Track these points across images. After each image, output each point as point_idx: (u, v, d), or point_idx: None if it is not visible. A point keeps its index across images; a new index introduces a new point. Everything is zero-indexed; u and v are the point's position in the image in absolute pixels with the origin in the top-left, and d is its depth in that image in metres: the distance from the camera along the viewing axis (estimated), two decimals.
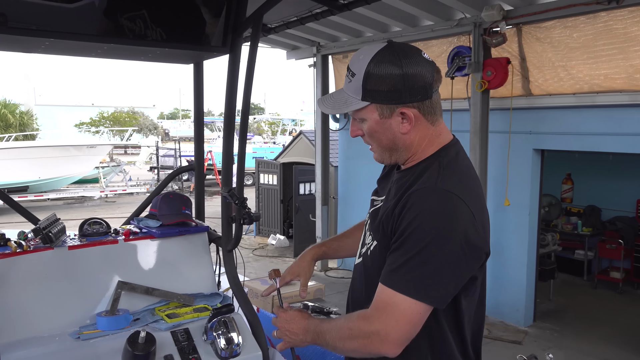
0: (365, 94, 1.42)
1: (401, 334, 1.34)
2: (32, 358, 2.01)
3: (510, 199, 5.45)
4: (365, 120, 1.47)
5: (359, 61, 1.43)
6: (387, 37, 6.31)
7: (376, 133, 1.47)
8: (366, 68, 1.40)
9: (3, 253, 2.19)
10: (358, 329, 1.39)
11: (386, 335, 1.34)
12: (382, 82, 1.39)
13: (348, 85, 1.45)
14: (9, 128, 24.09)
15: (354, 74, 1.43)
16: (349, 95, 1.45)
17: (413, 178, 1.45)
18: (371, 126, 1.46)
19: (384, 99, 1.41)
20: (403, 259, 1.34)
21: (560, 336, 5.41)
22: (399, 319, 1.34)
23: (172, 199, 2.71)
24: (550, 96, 5.23)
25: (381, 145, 1.49)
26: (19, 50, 2.59)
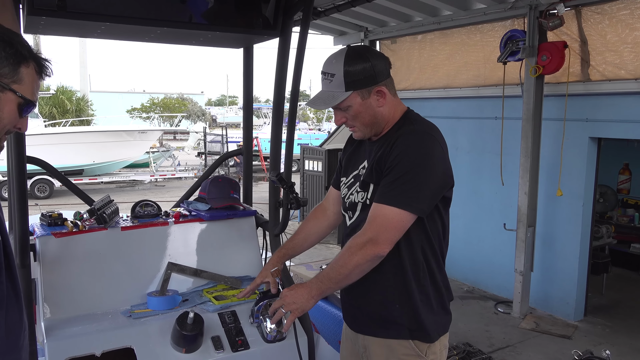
0: (347, 86, 1.77)
1: (388, 236, 1.70)
2: (87, 334, 2.08)
3: (564, 188, 5.26)
4: (350, 106, 1.80)
5: (333, 65, 1.79)
6: (437, 21, 6.15)
7: (360, 114, 1.82)
8: (343, 67, 1.76)
9: (60, 232, 2.27)
10: (355, 245, 1.70)
11: (377, 238, 1.69)
12: (358, 73, 1.76)
13: (330, 85, 1.80)
14: (66, 114, 25.00)
15: (332, 74, 1.78)
16: (333, 92, 1.79)
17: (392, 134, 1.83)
18: (356, 109, 1.81)
19: (362, 85, 1.78)
20: (390, 183, 1.72)
21: (612, 332, 5.21)
22: (387, 225, 1.70)
23: (221, 182, 2.74)
24: (609, 82, 4.97)
25: (364, 122, 1.84)
26: (76, 35, 2.67)
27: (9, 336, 1.29)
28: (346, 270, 1.71)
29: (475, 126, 6.35)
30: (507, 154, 5.63)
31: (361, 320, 1.94)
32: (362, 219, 1.85)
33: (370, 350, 1.91)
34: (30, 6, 1.96)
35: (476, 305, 5.92)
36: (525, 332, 5.13)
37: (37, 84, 1.32)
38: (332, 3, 5.40)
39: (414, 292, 1.82)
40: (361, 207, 1.89)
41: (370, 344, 1.90)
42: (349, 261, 1.70)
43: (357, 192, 1.91)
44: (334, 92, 1.79)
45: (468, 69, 6.27)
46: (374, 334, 1.89)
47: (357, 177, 1.94)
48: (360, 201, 1.89)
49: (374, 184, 1.82)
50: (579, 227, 5.36)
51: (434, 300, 1.86)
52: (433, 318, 1.85)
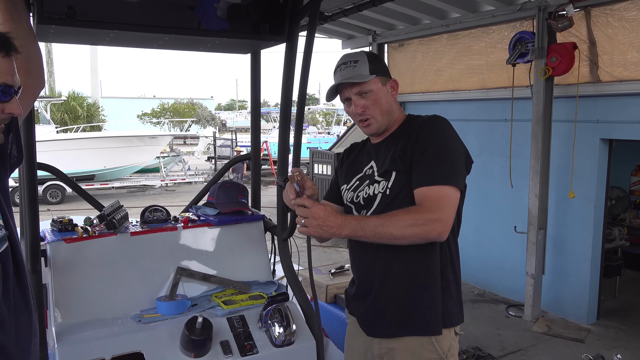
0: (371, 70, 1.86)
1: (451, 217, 1.72)
2: (97, 339, 2.09)
3: (575, 190, 5.22)
4: (371, 90, 1.87)
5: (355, 54, 1.90)
6: (445, 24, 6.14)
7: (380, 100, 1.88)
8: (366, 55, 1.89)
9: (70, 237, 2.30)
10: (423, 218, 1.67)
11: (446, 221, 1.70)
12: (378, 63, 1.91)
13: (354, 69, 1.86)
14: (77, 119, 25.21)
15: (356, 60, 1.87)
16: (359, 73, 1.86)
17: (406, 128, 1.90)
18: (377, 93, 1.88)
19: (383, 73, 1.90)
20: (435, 162, 1.74)
21: (625, 335, 5.15)
22: (450, 205, 1.72)
23: (229, 187, 2.76)
24: (620, 82, 4.93)
25: (382, 110, 1.89)
26: (86, 43, 2.70)
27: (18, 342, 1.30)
28: (398, 234, 1.66)
29: (485, 128, 6.32)
30: (517, 156, 5.59)
31: (380, 322, 1.88)
32: (381, 210, 1.84)
33: (394, 354, 1.85)
34: (40, 15, 1.99)
35: (487, 308, 5.88)
36: (537, 336, 5.09)
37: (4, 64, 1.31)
38: (339, 8, 5.41)
39: (436, 282, 1.82)
40: (380, 198, 1.87)
41: (392, 346, 1.85)
42: (406, 230, 1.66)
43: (373, 184, 1.89)
44: (360, 73, 1.85)
45: (476, 72, 6.26)
46: (397, 334, 1.84)
47: (363, 178, 1.95)
48: (380, 192, 1.87)
49: (397, 172, 1.83)
50: (590, 229, 5.31)
51: (453, 290, 1.87)
52: (453, 306, 1.86)
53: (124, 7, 2.15)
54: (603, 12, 4.90)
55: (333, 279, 3.46)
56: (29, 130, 2.14)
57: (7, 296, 1.28)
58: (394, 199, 1.84)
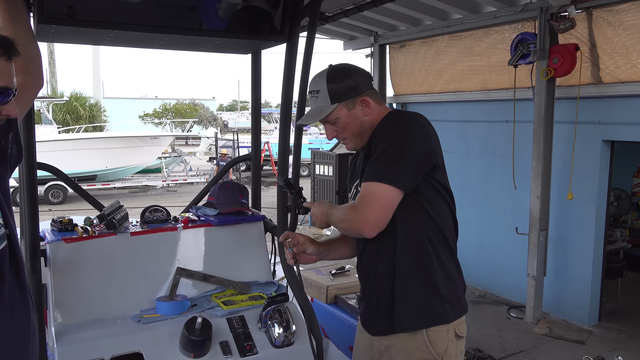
0: (332, 99, 1.87)
1: (376, 217, 1.75)
2: (97, 339, 2.09)
3: (577, 192, 5.21)
4: (338, 118, 1.89)
5: (317, 83, 1.90)
6: (447, 25, 6.14)
7: (348, 125, 1.90)
8: (326, 83, 1.88)
9: (70, 237, 2.29)
10: (349, 215, 1.80)
11: (366, 219, 1.75)
12: (341, 86, 1.87)
13: (316, 101, 1.91)
14: (79, 120, 25.25)
15: (318, 91, 1.89)
16: (320, 106, 1.89)
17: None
18: (344, 120, 1.90)
19: (347, 96, 1.87)
20: (375, 163, 1.77)
21: (627, 337, 5.13)
22: (375, 204, 1.75)
23: (230, 188, 2.75)
24: (622, 84, 4.92)
25: (353, 132, 1.92)
26: (86, 43, 2.70)
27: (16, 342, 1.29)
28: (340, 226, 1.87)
29: (486, 129, 6.31)
30: (518, 158, 5.58)
31: (376, 321, 1.93)
32: None
33: (390, 351, 1.89)
34: (40, 15, 1.99)
35: (488, 310, 5.87)
36: (539, 338, 5.08)
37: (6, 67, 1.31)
38: (340, 8, 5.41)
39: (415, 280, 1.83)
40: None
41: (389, 344, 1.89)
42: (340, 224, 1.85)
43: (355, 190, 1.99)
44: (321, 106, 1.89)
45: (478, 73, 6.25)
46: (389, 331, 1.87)
47: (358, 185, 1.98)
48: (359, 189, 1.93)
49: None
50: (592, 231, 5.30)
51: (442, 287, 1.85)
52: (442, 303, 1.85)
53: (124, 7, 2.15)
54: (605, 13, 4.89)
55: (333, 280, 3.46)
56: (29, 130, 2.14)
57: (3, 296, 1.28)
58: None
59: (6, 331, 1.26)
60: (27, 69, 1.54)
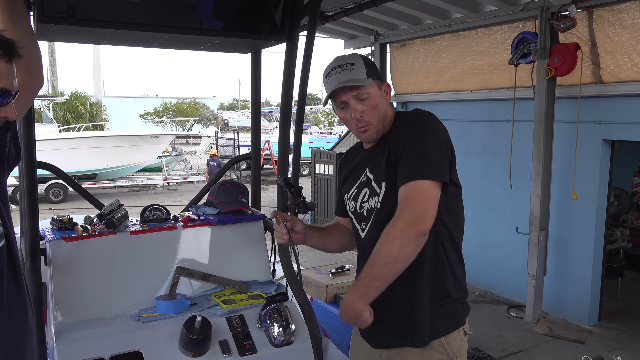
0: (368, 73, 1.82)
1: (427, 210, 1.64)
2: (96, 338, 2.09)
3: (577, 192, 5.21)
4: (368, 95, 1.81)
5: (351, 57, 1.86)
6: (448, 24, 6.13)
7: (378, 104, 1.83)
8: (362, 58, 1.85)
9: (70, 236, 2.29)
10: (394, 230, 1.62)
11: (417, 216, 1.62)
12: (373, 66, 1.87)
13: (351, 72, 1.81)
14: (80, 118, 25.25)
15: (352, 63, 1.82)
16: (357, 76, 1.80)
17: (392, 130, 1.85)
18: (375, 98, 1.83)
19: (378, 76, 1.86)
20: (410, 161, 1.70)
21: (627, 337, 5.13)
22: (423, 199, 1.65)
23: (229, 187, 2.75)
24: (623, 83, 4.92)
25: (379, 115, 1.84)
26: (86, 42, 2.70)
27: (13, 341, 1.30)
28: (390, 259, 1.61)
29: (487, 129, 6.31)
30: (519, 157, 5.58)
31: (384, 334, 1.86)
32: (375, 224, 1.82)
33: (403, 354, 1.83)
34: (40, 14, 1.99)
35: (488, 309, 5.87)
36: (539, 337, 5.08)
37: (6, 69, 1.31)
38: (340, 7, 5.40)
39: (431, 289, 1.79)
40: (375, 213, 1.85)
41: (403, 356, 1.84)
42: (391, 248, 1.60)
43: (373, 196, 1.86)
44: (358, 76, 1.80)
45: (479, 72, 6.24)
46: (401, 344, 1.83)
47: (360, 185, 1.93)
48: (375, 207, 1.84)
49: (386, 182, 1.79)
50: (592, 230, 5.30)
51: (453, 291, 1.84)
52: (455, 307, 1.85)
53: (124, 6, 2.15)
54: (606, 12, 4.89)
55: (333, 279, 3.46)
56: (29, 129, 2.14)
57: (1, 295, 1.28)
58: (382, 215, 1.81)
59: (4, 331, 1.26)
60: (27, 68, 1.54)
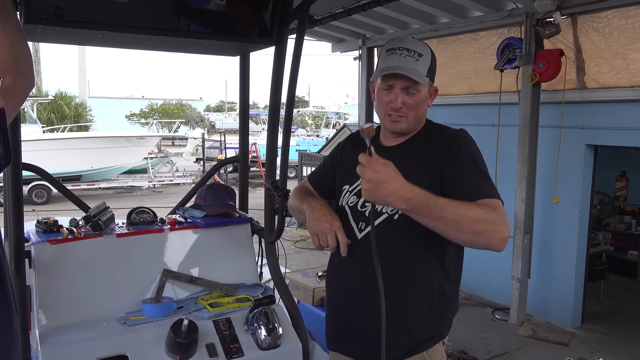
0: (429, 72, 1.76)
1: (509, 231, 1.56)
2: (82, 341, 2.08)
3: (560, 195, 5.28)
4: (418, 92, 1.75)
5: (420, 46, 1.76)
6: (434, 29, 6.18)
7: (422, 103, 1.78)
8: (431, 53, 1.77)
9: (55, 239, 2.27)
10: (493, 218, 1.52)
11: (507, 229, 1.55)
12: (434, 66, 1.79)
13: (415, 63, 1.72)
14: (64, 119, 24.97)
15: (420, 54, 1.74)
16: (419, 71, 1.72)
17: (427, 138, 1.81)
18: (422, 98, 1.77)
19: (433, 77, 1.79)
20: (481, 179, 1.66)
21: (609, 339, 5.21)
22: (506, 220, 1.57)
23: (217, 190, 2.75)
24: (606, 89, 5.00)
25: (417, 114, 1.78)
26: (73, 43, 2.68)
27: None
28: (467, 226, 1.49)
29: (473, 133, 6.17)
30: (504, 161, 5.64)
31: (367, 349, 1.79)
32: (382, 231, 1.72)
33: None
34: (27, 14, 1.97)
35: (473, 312, 5.92)
36: (523, 339, 5.13)
37: None
38: (329, 12, 5.43)
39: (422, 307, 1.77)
40: (385, 219, 1.75)
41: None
42: (477, 224, 1.50)
43: None
44: (419, 71, 1.73)
45: (465, 76, 6.30)
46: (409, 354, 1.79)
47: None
48: (388, 213, 1.74)
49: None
50: (575, 234, 5.37)
51: (442, 309, 1.83)
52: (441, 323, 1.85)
53: (112, 7, 2.14)
54: (590, 19, 4.97)
55: (320, 282, 3.47)
56: (15, 129, 2.11)
57: None
58: (399, 227, 1.72)
59: None
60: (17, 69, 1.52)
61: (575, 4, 4.82)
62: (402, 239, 1.72)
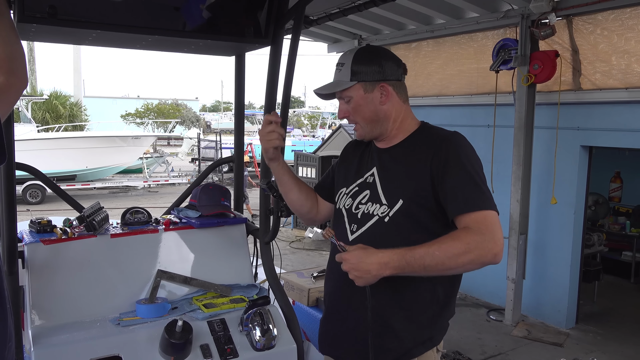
0: (353, 75, 1.77)
1: (502, 242, 1.58)
2: (75, 342, 2.06)
3: (556, 196, 5.29)
4: (351, 98, 1.79)
5: (345, 56, 1.81)
6: (430, 30, 6.19)
7: (360, 107, 1.79)
8: (353, 57, 1.79)
9: (49, 239, 2.26)
10: (474, 242, 1.54)
11: (499, 241, 1.57)
12: (366, 65, 1.77)
13: (338, 74, 1.81)
14: (59, 119, 24.89)
15: (342, 64, 1.80)
16: (340, 80, 1.80)
17: (419, 142, 1.79)
18: (357, 101, 1.79)
19: (368, 77, 1.77)
20: (471, 186, 1.64)
21: (603, 340, 5.22)
22: (498, 230, 1.59)
23: (212, 190, 2.74)
24: (601, 90, 5.02)
25: (365, 118, 1.81)
26: (68, 42, 2.66)
27: None
28: (451, 264, 1.53)
29: (468, 134, 6.22)
30: (499, 162, 5.65)
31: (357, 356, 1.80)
32: (370, 234, 1.74)
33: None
34: (20, 13, 1.96)
35: (468, 312, 5.93)
36: (517, 340, 5.14)
37: None
38: (324, 12, 5.43)
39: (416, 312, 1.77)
40: (375, 222, 1.76)
41: None
42: (460, 258, 1.53)
43: (374, 203, 1.78)
44: (340, 80, 1.80)
45: (461, 77, 6.31)
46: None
47: (362, 185, 1.85)
48: (379, 215, 1.75)
49: (404, 200, 1.70)
50: (570, 234, 5.39)
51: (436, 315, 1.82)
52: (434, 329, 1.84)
53: (106, 7, 2.12)
54: (585, 21, 4.99)
55: (315, 282, 3.46)
56: (8, 128, 2.10)
57: None
58: (389, 229, 1.73)
59: None
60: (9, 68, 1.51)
61: (570, 5, 4.84)
62: (393, 241, 1.68)
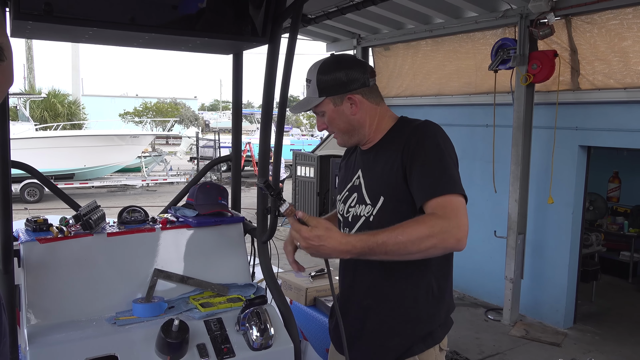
0: (320, 92, 1.81)
1: (466, 227, 1.57)
2: (71, 341, 2.05)
3: (554, 196, 5.29)
4: (324, 112, 1.84)
5: (311, 71, 1.84)
6: (429, 29, 6.19)
7: (334, 120, 1.84)
8: (317, 72, 1.81)
9: (45, 238, 2.25)
10: (438, 226, 1.53)
11: (463, 226, 1.56)
12: (330, 80, 1.79)
13: (308, 90, 1.86)
14: (57, 117, 24.84)
15: (310, 80, 1.84)
16: (310, 97, 1.84)
17: (394, 137, 1.81)
18: (330, 115, 1.84)
19: (334, 91, 1.80)
20: (436, 171, 1.64)
21: (601, 340, 5.23)
22: (463, 215, 1.58)
23: (209, 189, 2.73)
24: (599, 90, 5.02)
25: (340, 129, 1.86)
26: (64, 40, 2.64)
27: None
28: (414, 248, 1.52)
29: (467, 134, 6.38)
30: (497, 162, 5.65)
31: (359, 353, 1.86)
32: None
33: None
34: (16, 10, 1.94)
35: (467, 312, 5.92)
36: (515, 340, 5.14)
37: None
38: (322, 10, 5.42)
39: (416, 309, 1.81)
40: (362, 222, 1.83)
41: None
42: (422, 243, 1.51)
43: (361, 204, 1.84)
44: (310, 97, 1.85)
45: (460, 77, 6.31)
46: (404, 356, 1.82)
47: (351, 189, 1.92)
48: (365, 215, 1.82)
49: (385, 197, 1.75)
50: (568, 234, 5.39)
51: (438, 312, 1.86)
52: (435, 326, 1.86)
53: (103, 4, 2.11)
54: (584, 21, 4.98)
55: (313, 282, 3.45)
56: (3, 127, 2.09)
57: None
58: (377, 227, 1.71)
59: None
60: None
61: (569, 5, 4.83)
62: None
